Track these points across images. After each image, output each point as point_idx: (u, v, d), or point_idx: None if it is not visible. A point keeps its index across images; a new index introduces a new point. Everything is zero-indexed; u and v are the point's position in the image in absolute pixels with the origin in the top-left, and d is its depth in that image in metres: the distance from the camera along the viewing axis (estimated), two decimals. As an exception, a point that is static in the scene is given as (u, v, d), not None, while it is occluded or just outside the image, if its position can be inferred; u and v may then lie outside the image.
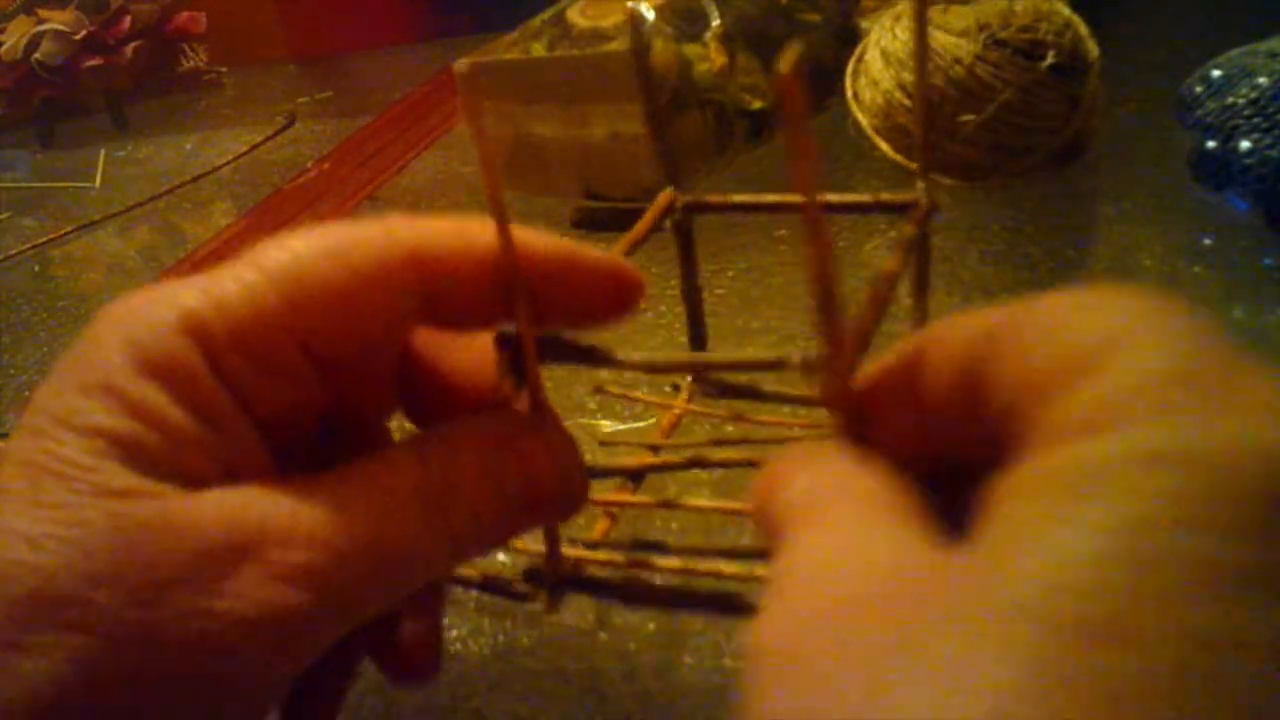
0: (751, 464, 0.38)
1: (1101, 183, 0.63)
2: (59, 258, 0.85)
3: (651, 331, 0.55)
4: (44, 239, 0.86)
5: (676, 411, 0.45)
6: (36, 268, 0.83)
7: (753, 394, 0.43)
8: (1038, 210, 0.60)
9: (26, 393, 0.63)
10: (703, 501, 0.39)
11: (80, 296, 0.77)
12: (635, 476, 0.41)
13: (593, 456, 0.35)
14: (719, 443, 0.41)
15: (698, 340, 0.46)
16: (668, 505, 0.39)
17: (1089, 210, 0.61)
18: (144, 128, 1.15)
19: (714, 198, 0.42)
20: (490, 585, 0.37)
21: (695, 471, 0.41)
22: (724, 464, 0.39)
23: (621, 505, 0.40)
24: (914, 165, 0.61)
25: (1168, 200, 0.59)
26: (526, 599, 0.36)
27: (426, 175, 0.85)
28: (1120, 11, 0.79)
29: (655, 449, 0.44)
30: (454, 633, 0.38)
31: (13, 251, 0.85)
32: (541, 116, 0.68)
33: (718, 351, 0.50)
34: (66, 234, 0.87)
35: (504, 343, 0.24)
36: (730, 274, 0.59)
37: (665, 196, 0.41)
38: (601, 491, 0.40)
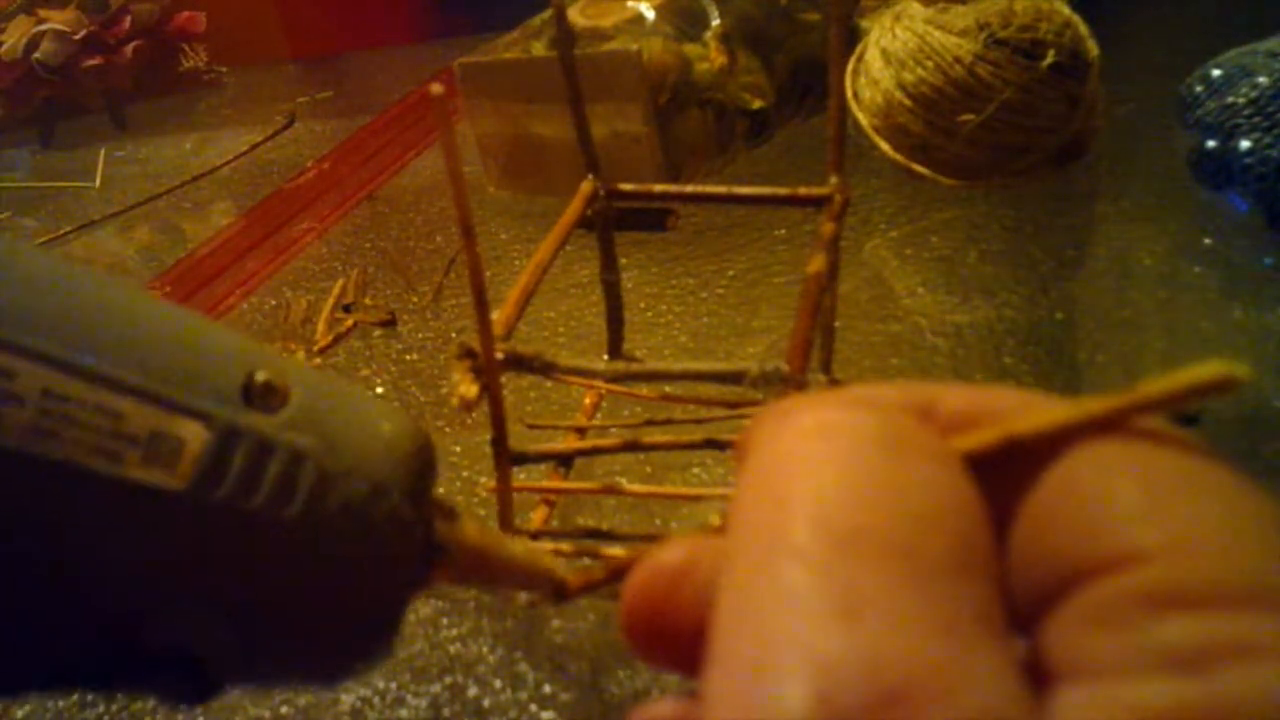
0: (681, 446, 0.38)
1: (1101, 183, 0.63)
2: (59, 258, 0.85)
3: (651, 331, 0.55)
4: (44, 239, 0.86)
5: (599, 391, 0.46)
6: (36, 267, 0.83)
7: (667, 376, 0.44)
8: (1038, 210, 0.60)
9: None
10: (644, 488, 0.39)
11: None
12: (565, 461, 0.42)
13: (520, 441, 0.36)
14: (649, 423, 0.41)
15: (615, 330, 0.46)
16: (610, 491, 0.39)
17: (1089, 210, 0.61)
18: (144, 128, 1.15)
19: (634, 187, 0.42)
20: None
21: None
22: (657, 447, 0.39)
23: (561, 493, 0.40)
24: (915, 165, 0.61)
25: (1168, 200, 0.59)
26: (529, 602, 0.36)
27: (426, 175, 0.85)
28: (1120, 11, 0.79)
29: (581, 431, 0.44)
30: (454, 632, 0.38)
31: (13, 251, 0.85)
32: (541, 116, 0.68)
33: (702, 357, 0.50)
34: (66, 234, 0.87)
35: (466, 353, 0.25)
36: (730, 274, 0.59)
37: (587, 186, 0.41)
38: (534, 476, 0.40)
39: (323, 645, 0.19)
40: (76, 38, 1.11)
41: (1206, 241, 0.55)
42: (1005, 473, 0.15)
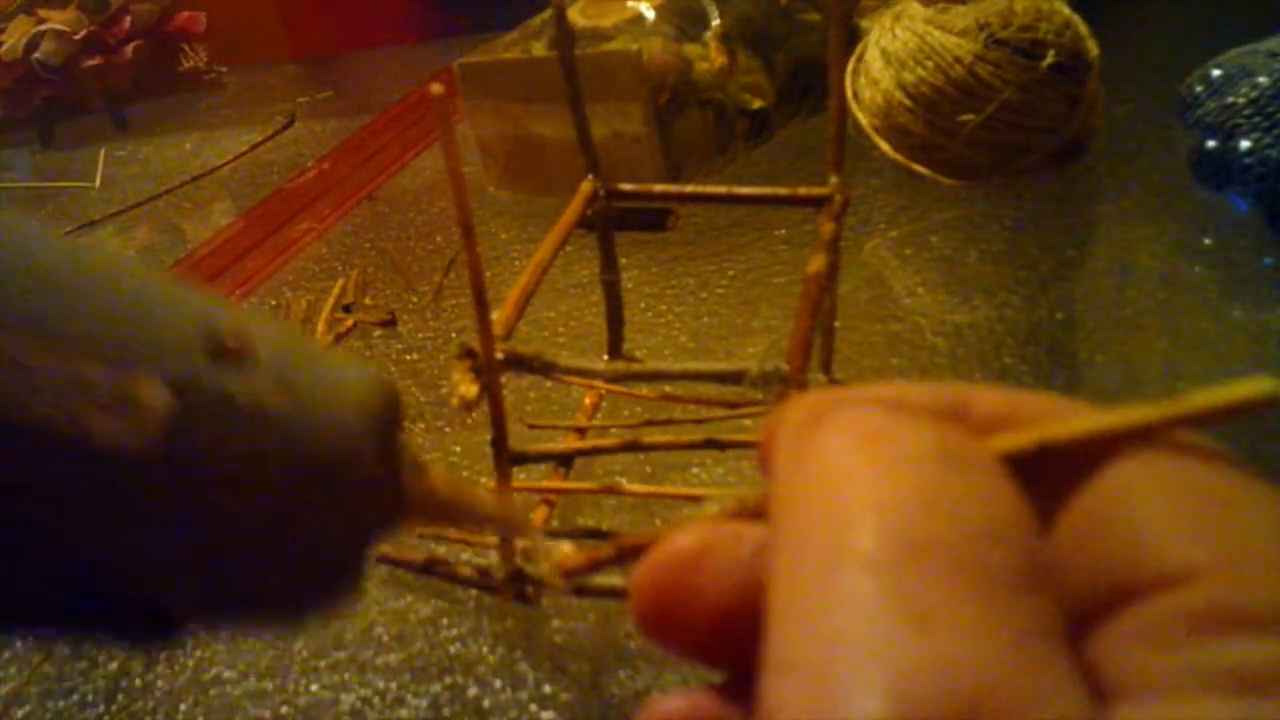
0: (681, 446, 0.38)
1: (1101, 183, 0.63)
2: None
3: (651, 331, 0.55)
4: (44, 239, 0.86)
5: (599, 391, 0.46)
6: (36, 267, 0.83)
7: (667, 376, 0.44)
8: (1038, 210, 0.60)
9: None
10: (644, 488, 0.39)
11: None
12: (565, 461, 0.42)
13: (520, 441, 0.36)
14: (649, 423, 0.41)
15: (615, 330, 0.46)
16: (610, 491, 0.39)
17: (1089, 210, 0.61)
18: (144, 128, 1.15)
19: (634, 187, 0.42)
20: (484, 583, 0.38)
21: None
22: (657, 447, 0.38)
23: (561, 493, 0.40)
24: (915, 165, 0.61)
25: (1168, 200, 0.59)
26: (526, 599, 0.36)
27: (426, 175, 0.85)
28: (1120, 11, 0.79)
29: (581, 431, 0.44)
30: (454, 632, 0.38)
31: (13, 251, 0.85)
32: (541, 116, 0.68)
33: (702, 356, 0.50)
34: (66, 234, 0.87)
35: (466, 353, 0.25)
36: (730, 274, 0.59)
37: (587, 186, 0.41)
38: (534, 476, 0.40)
39: (289, 595, 0.19)
40: (76, 38, 1.11)
41: (1206, 241, 0.55)
42: (1038, 478, 0.15)
